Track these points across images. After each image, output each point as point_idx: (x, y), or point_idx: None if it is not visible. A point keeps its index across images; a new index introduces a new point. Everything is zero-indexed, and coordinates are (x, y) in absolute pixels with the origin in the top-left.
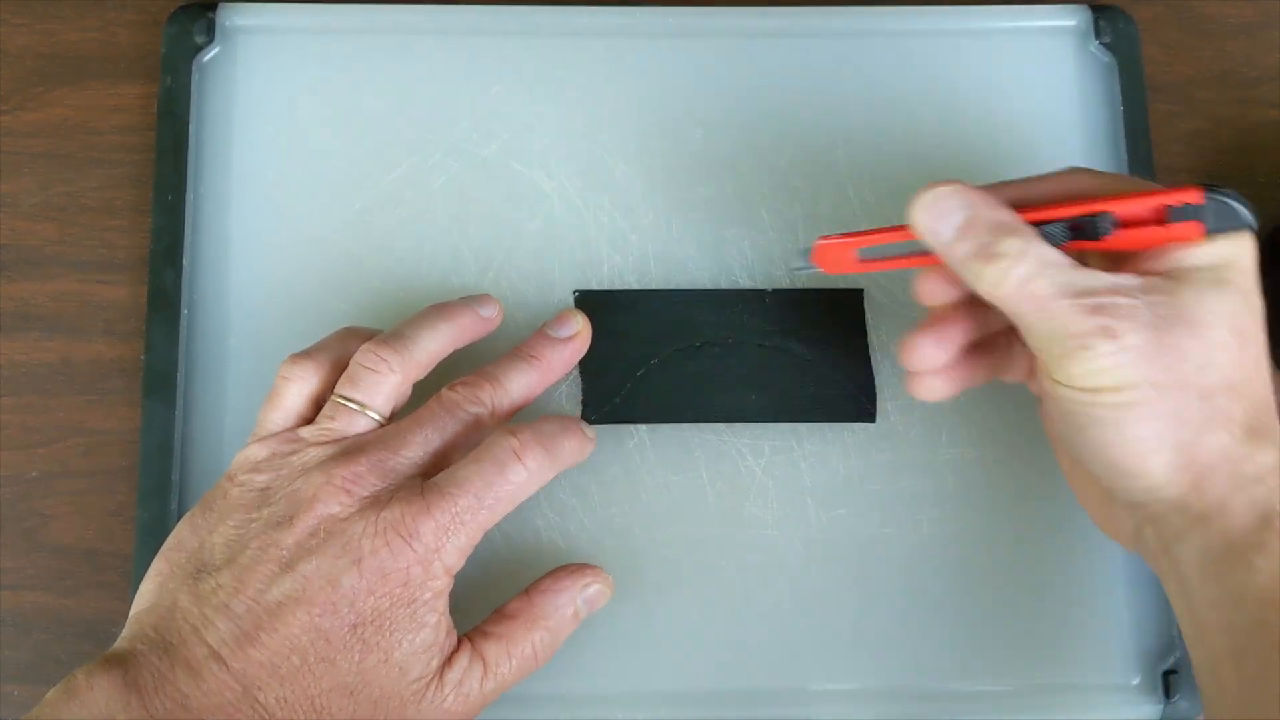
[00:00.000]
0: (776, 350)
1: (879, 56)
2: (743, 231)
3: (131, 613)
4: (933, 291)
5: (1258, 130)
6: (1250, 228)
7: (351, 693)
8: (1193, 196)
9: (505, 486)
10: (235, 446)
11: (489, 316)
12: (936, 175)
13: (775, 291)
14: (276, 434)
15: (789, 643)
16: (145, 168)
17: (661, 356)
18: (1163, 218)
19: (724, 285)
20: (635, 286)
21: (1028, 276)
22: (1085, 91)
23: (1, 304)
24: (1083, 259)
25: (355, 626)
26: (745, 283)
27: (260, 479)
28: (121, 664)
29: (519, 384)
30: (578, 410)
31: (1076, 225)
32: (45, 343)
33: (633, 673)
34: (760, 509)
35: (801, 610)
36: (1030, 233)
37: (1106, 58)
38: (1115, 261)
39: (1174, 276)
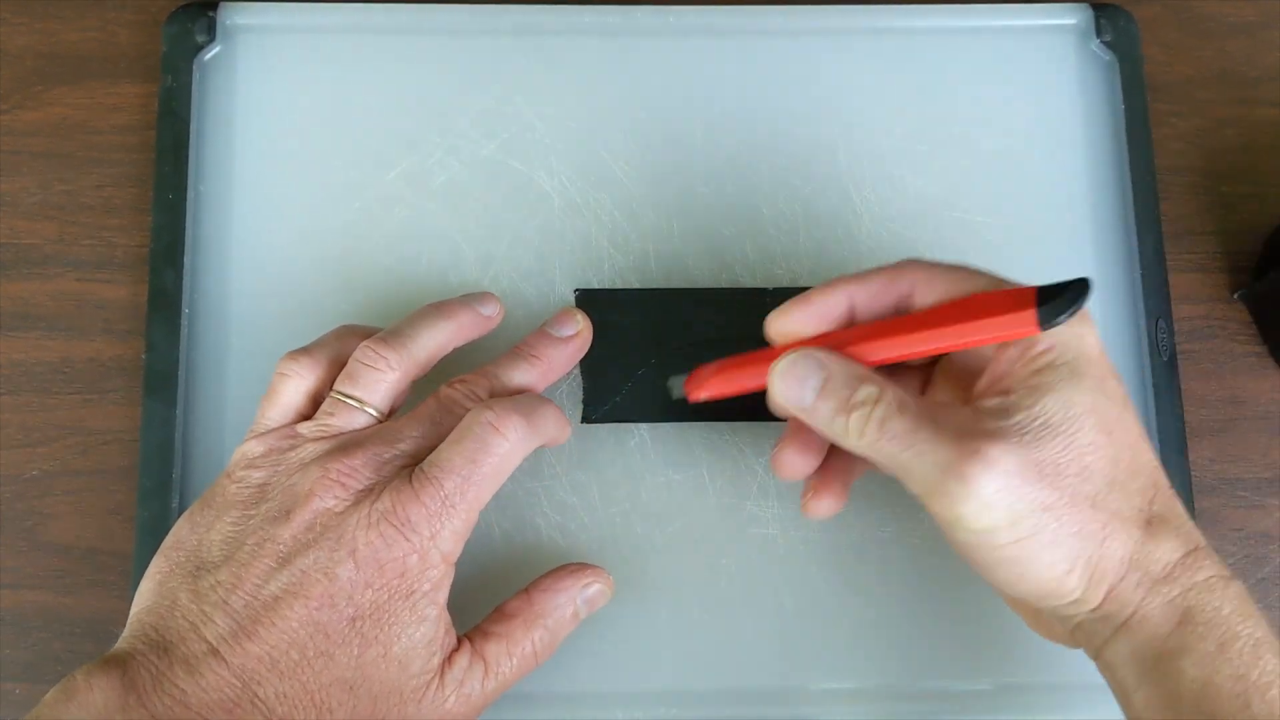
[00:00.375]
0: None
1: (880, 55)
2: (743, 230)
3: (132, 612)
4: (792, 462)
5: (1258, 129)
6: (1077, 308)
7: (351, 688)
8: (1028, 329)
9: (489, 460)
10: (235, 445)
11: (489, 315)
12: (934, 175)
13: (776, 290)
14: (274, 430)
15: (789, 642)
16: (144, 167)
17: (662, 355)
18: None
19: (724, 284)
20: (636, 285)
21: (887, 416)
22: (1086, 90)
23: (1, 303)
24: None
25: (354, 620)
26: (746, 282)
27: (258, 475)
28: (120, 664)
29: (518, 382)
30: (578, 409)
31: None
32: (45, 342)
33: (633, 671)
34: (761, 508)
35: (801, 609)
36: (882, 385)
37: (1107, 56)
38: (965, 386)
39: (1027, 387)
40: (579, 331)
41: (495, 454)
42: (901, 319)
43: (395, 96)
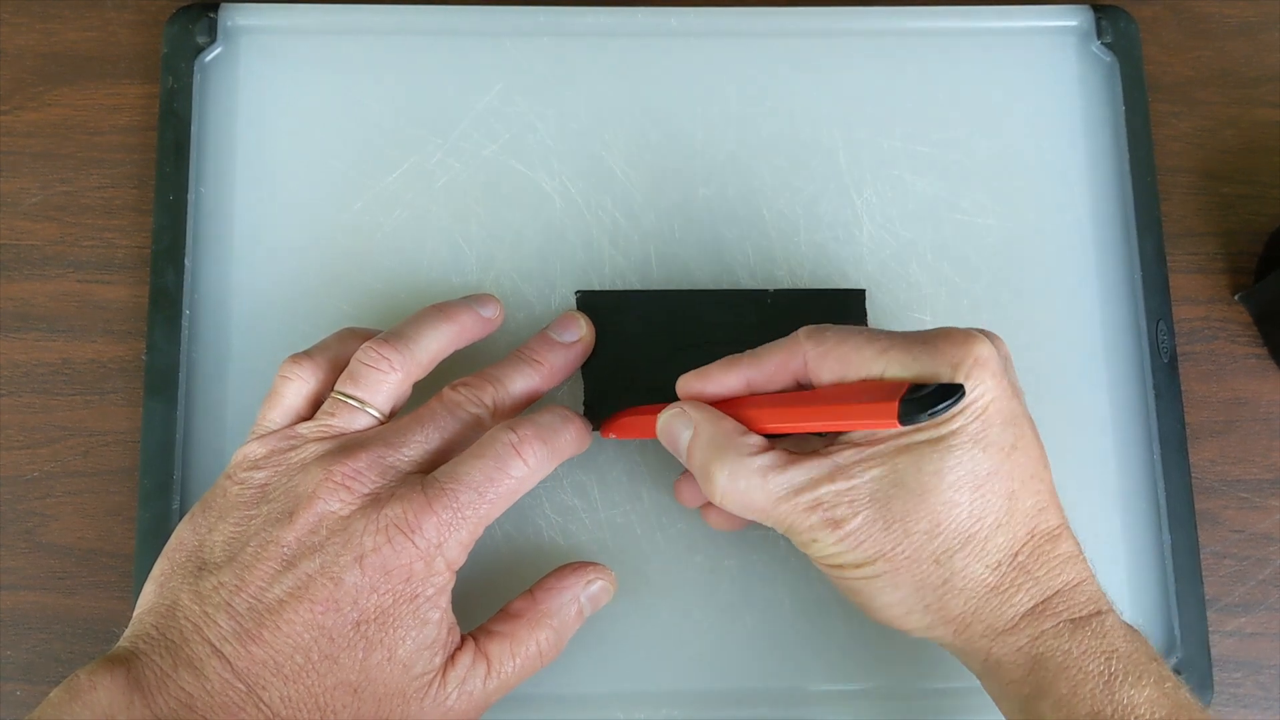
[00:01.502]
0: None
1: (881, 56)
2: (744, 231)
3: (134, 614)
4: (686, 492)
5: (1258, 130)
6: (960, 393)
7: (355, 690)
8: (889, 423)
9: (505, 481)
10: (236, 446)
11: (490, 316)
12: (935, 177)
13: (777, 291)
14: (275, 431)
15: (789, 643)
16: (145, 168)
17: (663, 356)
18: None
19: (725, 285)
20: (637, 286)
21: (745, 490)
22: (1087, 91)
23: (1, 304)
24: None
25: (358, 624)
26: (747, 283)
27: (259, 476)
28: (124, 664)
29: (520, 386)
30: (580, 411)
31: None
32: (45, 343)
33: (633, 672)
34: None
35: (802, 610)
36: (738, 447)
37: (1108, 58)
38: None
39: (891, 447)
40: (581, 337)
41: (513, 476)
42: (786, 397)
43: (396, 98)
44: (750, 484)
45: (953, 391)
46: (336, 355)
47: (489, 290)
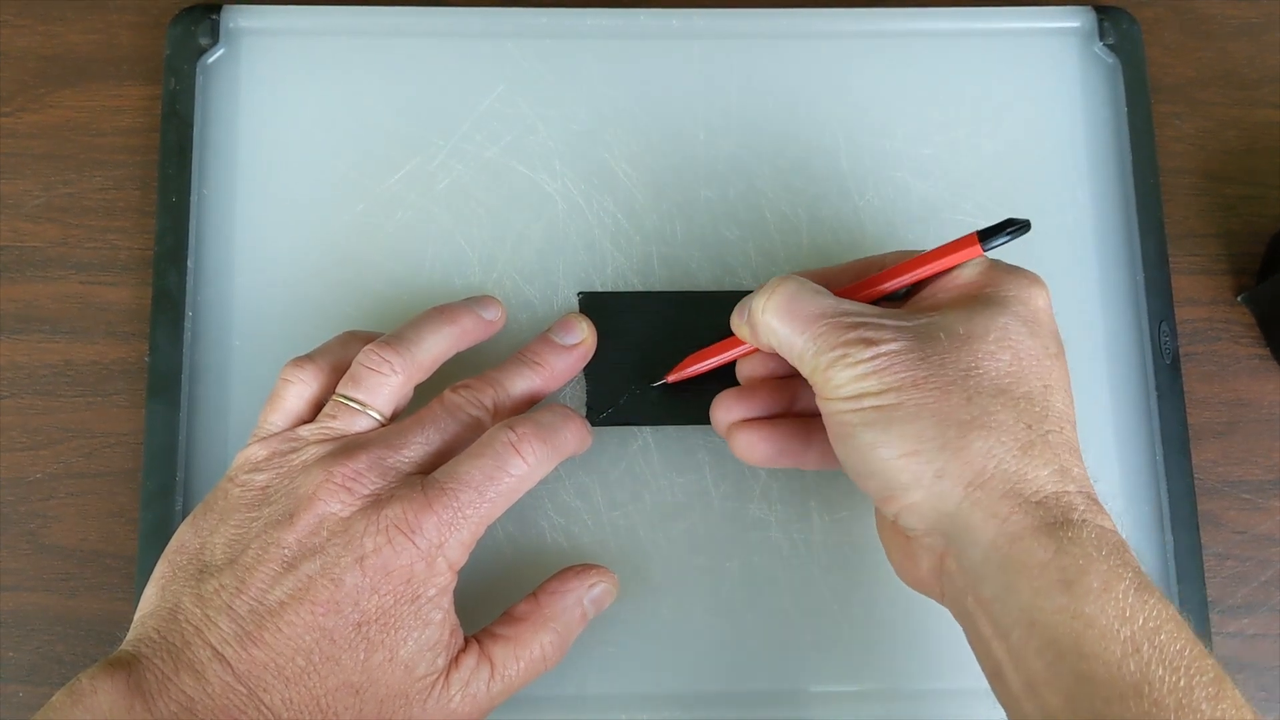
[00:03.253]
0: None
1: (883, 58)
2: (746, 233)
3: (136, 616)
4: (751, 367)
5: (1260, 131)
6: (1027, 226)
7: (357, 692)
8: (972, 253)
9: (506, 480)
10: (239, 448)
11: (492, 319)
12: (937, 178)
13: None
14: (276, 434)
15: (791, 644)
16: (147, 169)
17: (665, 358)
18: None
19: (727, 287)
20: (639, 288)
21: (792, 296)
22: (1089, 93)
23: (4, 305)
24: None
25: (360, 625)
26: (749, 284)
27: (260, 478)
28: (125, 667)
29: (521, 388)
30: (582, 412)
31: (876, 303)
32: (48, 344)
33: (635, 674)
34: (763, 511)
35: (804, 612)
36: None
37: (1110, 59)
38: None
39: (946, 300)
40: (583, 341)
41: (513, 474)
42: (865, 284)
43: (398, 99)
44: (800, 293)
45: (1020, 222)
46: (338, 358)
47: (491, 292)
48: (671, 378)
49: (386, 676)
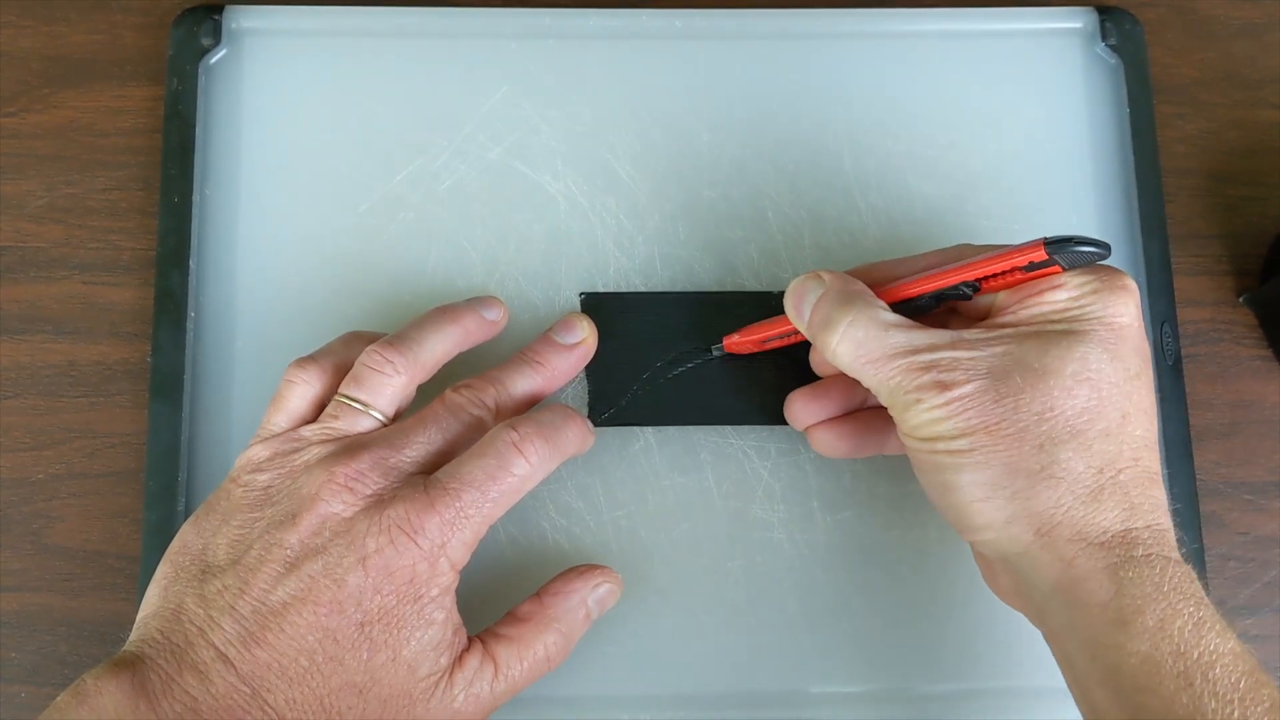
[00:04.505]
0: (782, 352)
1: (886, 58)
2: (749, 234)
3: (139, 617)
4: (819, 363)
5: (1262, 131)
6: (1105, 253)
7: (360, 692)
8: (1036, 254)
9: (508, 479)
10: (242, 448)
11: (494, 319)
12: (940, 179)
13: (781, 294)
14: (279, 434)
15: (794, 645)
16: (150, 170)
17: (667, 359)
18: (1021, 271)
19: (730, 288)
20: (641, 289)
21: (862, 340)
22: (1091, 93)
23: (7, 306)
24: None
25: (362, 625)
26: (751, 285)
27: (262, 478)
28: (130, 668)
29: (522, 387)
30: (584, 412)
31: (942, 294)
32: (51, 345)
33: (637, 675)
34: (766, 511)
35: (807, 613)
36: (869, 302)
37: (1113, 60)
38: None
39: (1025, 325)
40: (584, 339)
41: (515, 474)
42: (920, 280)
43: (401, 100)
44: (870, 333)
45: (1098, 244)
46: (341, 359)
47: (493, 292)
48: (731, 346)
49: (389, 676)
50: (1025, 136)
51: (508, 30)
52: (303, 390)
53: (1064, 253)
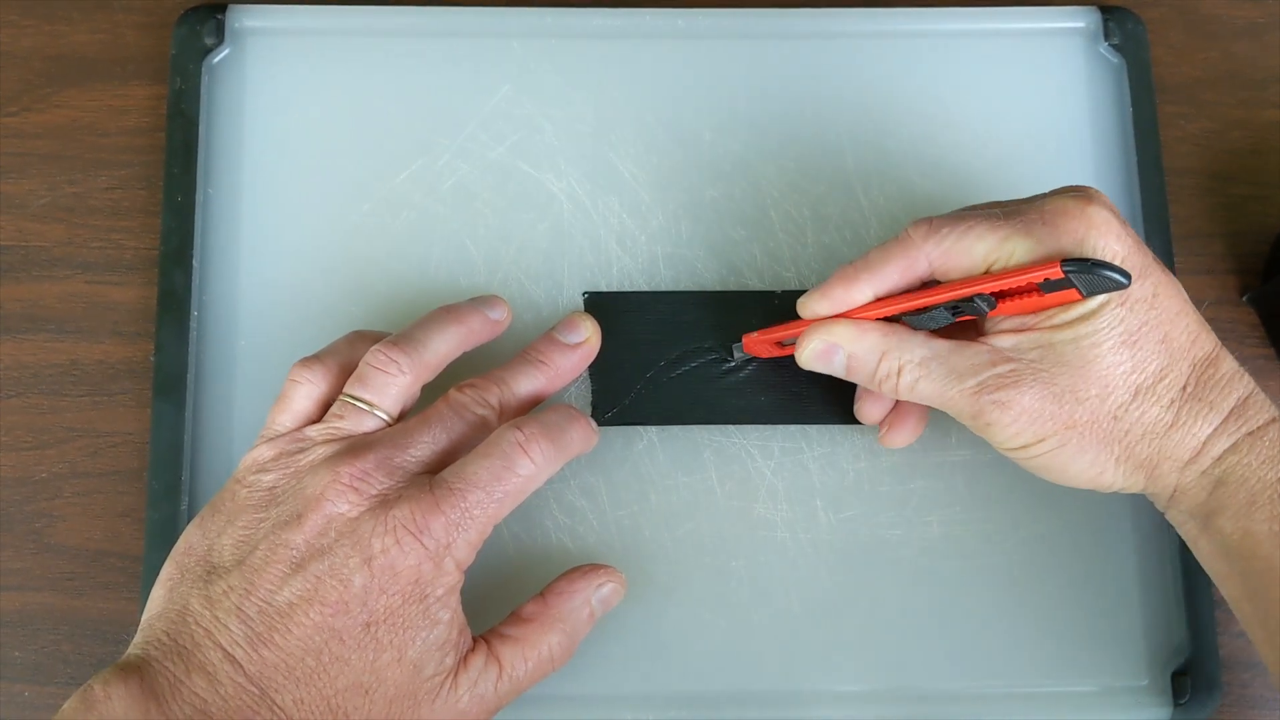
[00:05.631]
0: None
1: (888, 58)
2: (751, 233)
3: (143, 618)
4: (867, 410)
5: (1265, 131)
6: (1123, 285)
7: (366, 691)
8: (1052, 272)
9: (513, 480)
10: (245, 448)
11: (498, 319)
12: (943, 178)
13: (784, 293)
14: (283, 435)
15: (798, 644)
16: (153, 169)
17: (670, 358)
18: (1037, 289)
19: (733, 287)
20: (644, 288)
21: (912, 383)
22: (1094, 93)
23: (9, 305)
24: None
25: (368, 625)
26: (754, 284)
27: (267, 479)
28: (137, 671)
29: (526, 387)
30: (587, 412)
31: (957, 307)
32: (53, 344)
33: (640, 674)
34: (769, 510)
35: (810, 612)
36: (901, 342)
37: (1115, 59)
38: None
39: (1046, 327)
40: (587, 339)
41: (520, 474)
42: (932, 289)
43: (404, 99)
44: (916, 376)
45: (1118, 272)
46: (346, 359)
47: (496, 292)
48: (749, 345)
49: (395, 676)
50: (1028, 135)
51: (510, 29)
52: (307, 390)
53: (1083, 276)
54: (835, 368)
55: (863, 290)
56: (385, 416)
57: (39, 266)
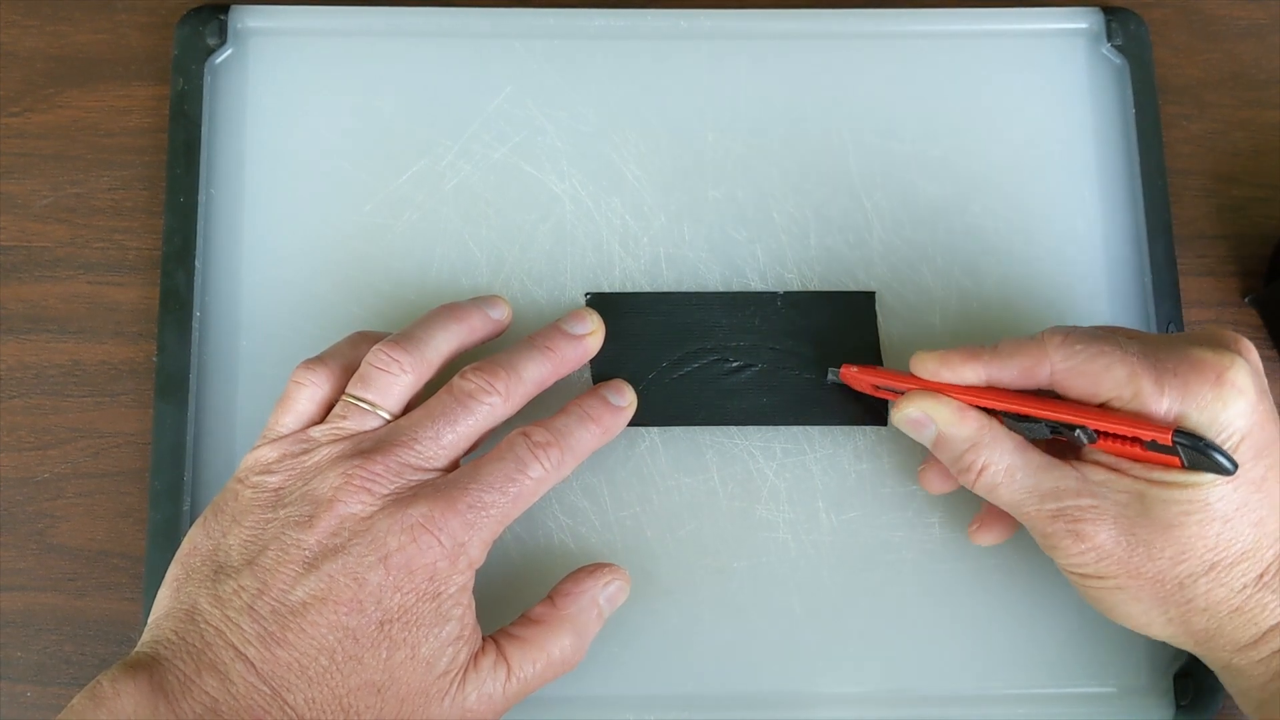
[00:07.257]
0: (788, 353)
1: (891, 59)
2: (754, 234)
3: (150, 618)
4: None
5: (1268, 132)
6: (1228, 472)
7: (379, 690)
8: (1162, 436)
9: (525, 482)
10: (247, 448)
11: (499, 318)
12: (946, 179)
13: (787, 294)
14: (287, 435)
15: (800, 645)
16: (155, 169)
17: (673, 359)
18: (1140, 441)
19: (735, 288)
20: (647, 289)
21: (992, 485)
22: (1097, 94)
23: (12, 305)
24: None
25: (382, 624)
26: (757, 285)
27: (272, 480)
28: (147, 669)
29: (531, 373)
30: None
31: (1059, 430)
32: (56, 344)
33: (643, 675)
34: (771, 511)
35: (812, 613)
36: (995, 440)
37: (1118, 60)
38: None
39: (1149, 478)
40: (592, 332)
41: (532, 477)
42: (1043, 401)
43: (406, 100)
44: (1001, 479)
45: (1226, 458)
46: (348, 360)
47: (498, 292)
48: (847, 377)
49: (408, 674)
50: (1030, 136)
51: (513, 30)
52: (310, 392)
53: (1191, 452)
54: (923, 438)
55: (980, 372)
56: (388, 416)
57: (41, 267)
